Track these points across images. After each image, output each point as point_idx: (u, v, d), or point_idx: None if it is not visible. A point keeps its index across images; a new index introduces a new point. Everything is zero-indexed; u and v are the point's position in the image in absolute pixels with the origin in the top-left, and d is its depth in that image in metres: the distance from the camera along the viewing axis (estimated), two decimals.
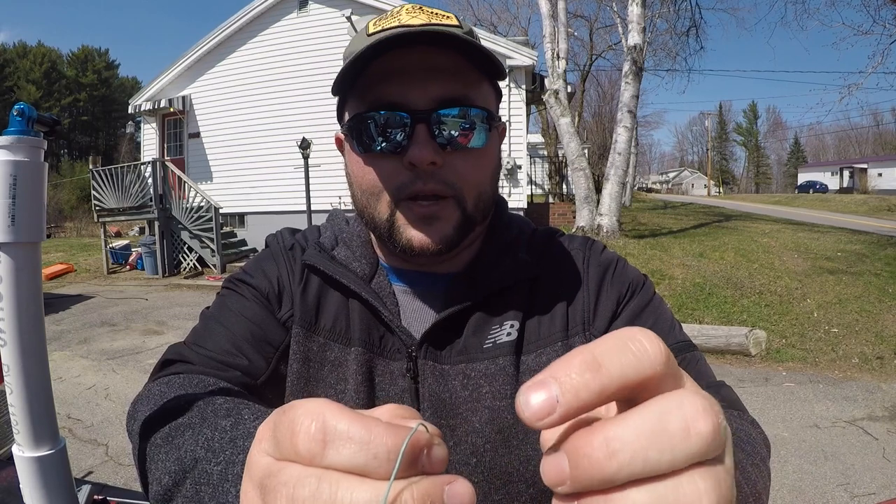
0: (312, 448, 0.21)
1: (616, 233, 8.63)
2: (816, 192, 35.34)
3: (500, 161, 0.64)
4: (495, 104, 0.62)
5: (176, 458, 0.41)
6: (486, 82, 0.58)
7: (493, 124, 0.58)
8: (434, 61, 0.53)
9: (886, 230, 11.30)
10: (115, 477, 2.83)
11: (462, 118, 0.54)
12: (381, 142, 0.54)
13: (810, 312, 5.45)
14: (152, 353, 5.00)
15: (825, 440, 3.17)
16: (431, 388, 0.59)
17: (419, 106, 0.53)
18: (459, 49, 0.53)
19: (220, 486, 0.36)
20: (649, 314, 0.62)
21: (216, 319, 0.63)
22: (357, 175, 0.58)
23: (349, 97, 0.58)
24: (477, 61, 0.55)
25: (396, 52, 0.52)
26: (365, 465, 0.20)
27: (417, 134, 0.53)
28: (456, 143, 0.54)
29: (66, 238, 17.26)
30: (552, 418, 0.19)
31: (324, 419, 0.21)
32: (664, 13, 12.04)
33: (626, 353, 0.20)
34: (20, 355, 0.41)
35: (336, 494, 0.20)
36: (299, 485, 0.21)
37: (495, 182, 0.62)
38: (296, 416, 0.22)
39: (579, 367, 0.20)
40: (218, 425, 0.40)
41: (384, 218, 0.57)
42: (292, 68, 10.31)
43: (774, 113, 73.71)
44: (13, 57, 41.82)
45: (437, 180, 0.54)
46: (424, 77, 0.53)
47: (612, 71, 25.89)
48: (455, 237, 0.57)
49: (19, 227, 0.41)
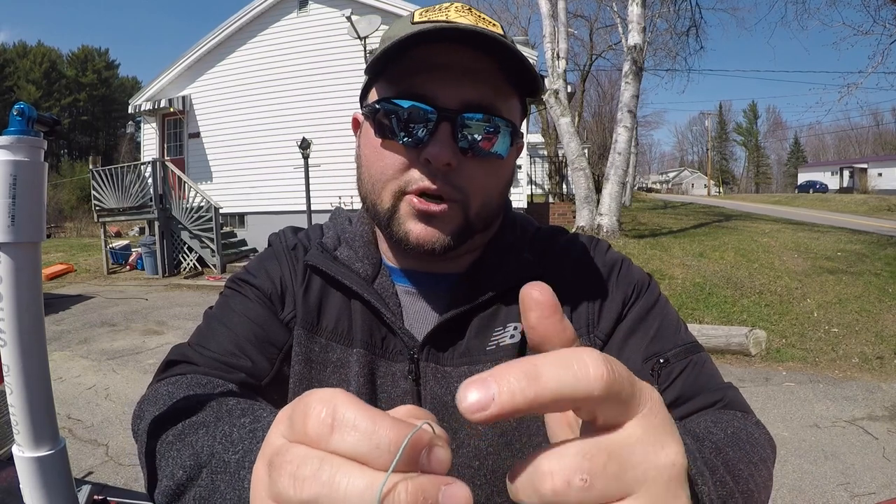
0: (321, 431, 0.22)
1: (616, 233, 8.63)
2: (816, 192, 35.33)
3: (513, 176, 0.63)
4: (520, 120, 0.61)
5: (191, 453, 0.41)
6: (516, 97, 0.58)
7: (515, 140, 0.57)
8: (472, 64, 0.53)
9: (886, 230, 11.30)
10: (115, 477, 2.83)
11: (486, 124, 0.54)
12: (401, 132, 0.54)
13: (810, 312, 5.45)
14: (152, 353, 5.00)
15: (825, 440, 3.17)
16: (433, 391, 0.58)
17: (447, 105, 0.53)
18: (499, 57, 0.52)
19: (237, 474, 0.36)
20: (655, 316, 0.62)
21: (219, 320, 0.63)
22: (369, 159, 0.58)
23: (379, 80, 0.57)
24: (513, 74, 0.54)
25: (437, 47, 0.52)
26: (367, 453, 0.21)
27: (440, 132, 0.52)
28: (477, 149, 0.54)
29: (66, 238, 17.26)
30: (485, 414, 0.20)
31: (335, 406, 0.23)
32: (664, 13, 12.06)
33: (567, 370, 0.21)
34: (20, 355, 0.41)
35: (335, 477, 0.21)
36: (303, 464, 0.22)
37: (504, 196, 0.62)
38: (310, 401, 0.24)
39: (519, 374, 0.21)
40: (236, 422, 0.41)
41: (386, 206, 0.56)
42: (292, 68, 10.31)
43: (774, 113, 73.82)
44: (13, 57, 41.80)
45: (446, 182, 0.54)
46: (459, 77, 0.53)
47: (612, 71, 25.92)
48: (452, 241, 0.56)
49: (19, 227, 0.41)
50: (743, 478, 0.42)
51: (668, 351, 0.59)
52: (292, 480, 0.22)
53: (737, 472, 0.42)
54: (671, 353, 0.59)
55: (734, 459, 0.43)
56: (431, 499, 0.21)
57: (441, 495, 0.21)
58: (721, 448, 0.43)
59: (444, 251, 0.56)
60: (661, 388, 0.58)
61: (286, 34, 10.51)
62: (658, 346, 0.59)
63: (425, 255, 0.57)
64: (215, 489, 0.37)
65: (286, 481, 0.22)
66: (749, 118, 67.43)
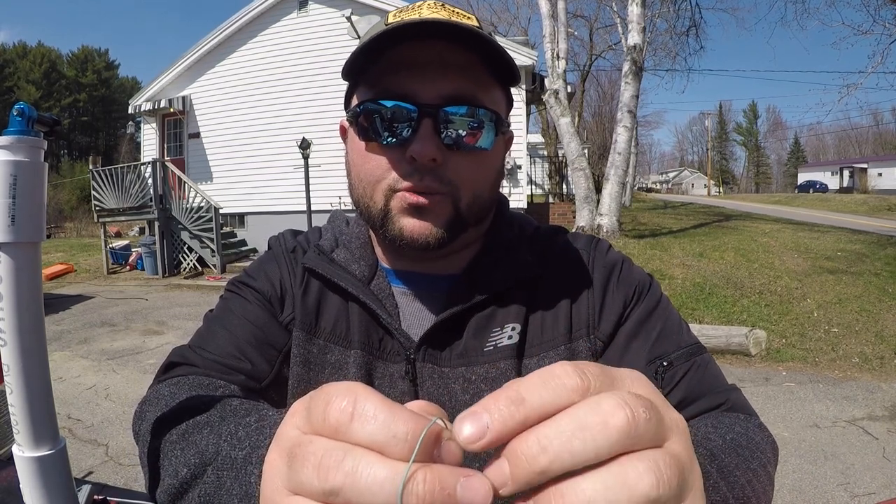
0: (341, 420, 0.23)
1: (616, 233, 8.63)
2: (816, 192, 35.33)
3: (503, 168, 0.63)
4: (505, 110, 0.61)
5: (196, 451, 0.41)
6: (498, 87, 0.58)
7: (501, 129, 0.57)
8: (449, 57, 0.52)
9: (886, 230, 11.30)
10: (115, 477, 2.83)
11: (470, 117, 0.53)
12: (385, 132, 0.54)
13: (810, 312, 5.45)
14: (152, 354, 5.00)
15: (825, 440, 3.17)
16: (430, 391, 0.58)
17: (428, 100, 0.53)
18: (476, 48, 0.52)
19: (244, 469, 0.36)
20: (657, 318, 0.61)
21: (219, 322, 0.63)
22: (357, 163, 0.58)
23: (359, 84, 0.57)
24: (492, 64, 0.54)
25: (412, 44, 0.52)
26: (385, 443, 0.22)
27: (422, 128, 0.52)
28: (461, 143, 0.54)
29: (66, 238, 17.26)
30: (483, 442, 0.22)
31: (355, 397, 0.24)
32: (664, 13, 12.06)
33: (546, 388, 0.23)
34: (20, 355, 0.41)
35: (358, 467, 0.22)
36: (327, 455, 0.23)
37: (495, 188, 0.61)
38: (331, 392, 0.25)
39: (506, 401, 0.23)
40: (241, 421, 0.41)
41: (379, 207, 0.56)
42: (292, 68, 10.31)
43: (774, 113, 73.83)
44: (13, 57, 41.81)
45: (434, 177, 0.54)
46: (437, 72, 0.53)
47: (612, 71, 25.92)
48: (445, 234, 0.56)
49: (19, 227, 0.41)
50: (739, 484, 0.41)
51: (672, 353, 0.59)
52: (316, 471, 0.23)
53: (732, 479, 0.41)
54: (674, 355, 0.59)
55: (730, 465, 0.42)
56: (449, 488, 0.21)
57: (459, 486, 0.22)
58: (716, 454, 0.42)
59: (439, 245, 0.56)
60: (666, 391, 0.57)
61: (286, 34, 10.51)
62: (661, 348, 0.59)
63: (420, 251, 0.57)
64: (221, 485, 0.37)
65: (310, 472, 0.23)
66: (749, 118, 67.45)
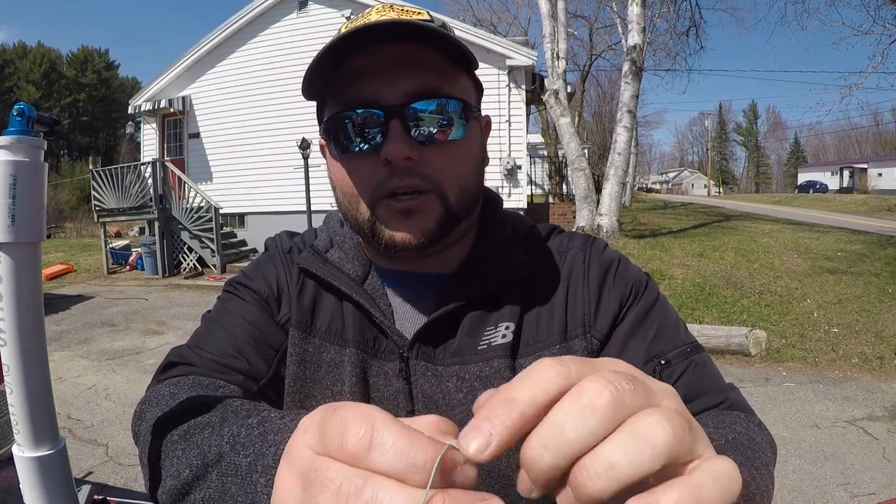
0: (359, 447, 0.23)
1: (616, 233, 8.64)
2: (816, 192, 35.35)
3: (483, 154, 0.63)
4: (475, 96, 0.61)
5: (197, 452, 0.41)
6: (463, 75, 0.58)
7: (472, 115, 0.57)
8: (405, 56, 0.53)
9: (886, 230, 11.30)
10: (115, 477, 2.83)
11: (438, 112, 0.54)
12: (357, 141, 0.54)
13: (810, 312, 5.45)
14: (152, 354, 5.00)
15: (825, 440, 3.17)
16: (424, 389, 0.58)
17: (392, 101, 0.53)
18: (430, 42, 0.52)
19: (249, 477, 0.36)
20: (654, 317, 0.61)
21: (217, 322, 0.63)
22: (337, 178, 0.58)
23: (326, 100, 0.58)
24: (451, 54, 0.54)
25: (369, 50, 0.52)
26: (404, 471, 0.22)
27: (392, 129, 0.52)
28: (433, 138, 0.54)
29: (66, 238, 17.26)
30: (491, 450, 0.23)
31: (374, 424, 0.24)
32: (664, 13, 12.07)
33: (531, 382, 0.24)
34: (20, 355, 0.41)
35: (378, 495, 0.22)
36: (346, 482, 0.23)
37: (479, 176, 0.62)
38: (347, 417, 0.24)
39: (499, 406, 0.24)
40: (243, 423, 0.41)
41: (366, 218, 0.56)
42: (292, 69, 10.30)
43: (774, 113, 73.84)
44: (13, 57, 41.81)
45: (414, 175, 0.54)
46: (397, 72, 0.53)
47: (612, 71, 25.91)
48: (437, 231, 0.56)
49: (19, 227, 0.41)
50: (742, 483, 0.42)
51: (669, 352, 0.59)
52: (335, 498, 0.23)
53: None
54: (672, 354, 0.59)
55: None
56: None
57: None
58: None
59: (432, 243, 0.56)
60: None
61: (286, 34, 10.50)
62: (658, 347, 0.59)
63: (416, 253, 0.57)
64: (225, 491, 0.37)
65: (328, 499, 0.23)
66: (749, 118, 67.45)
